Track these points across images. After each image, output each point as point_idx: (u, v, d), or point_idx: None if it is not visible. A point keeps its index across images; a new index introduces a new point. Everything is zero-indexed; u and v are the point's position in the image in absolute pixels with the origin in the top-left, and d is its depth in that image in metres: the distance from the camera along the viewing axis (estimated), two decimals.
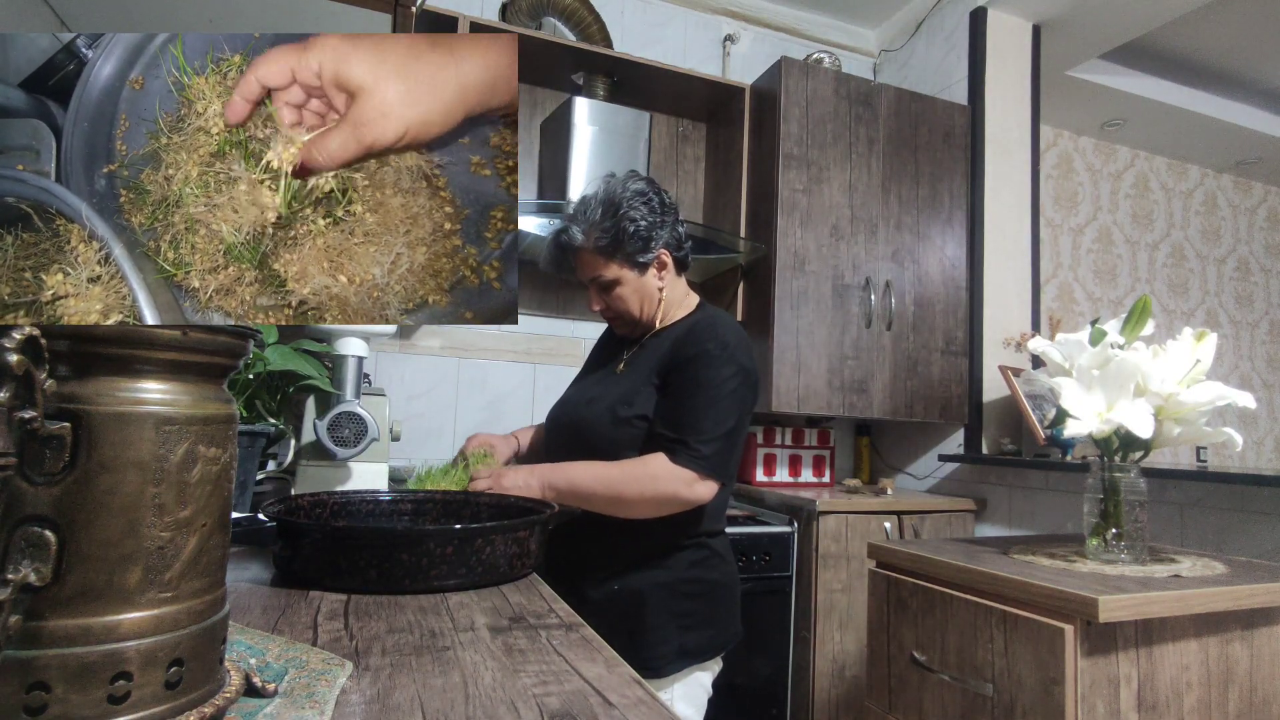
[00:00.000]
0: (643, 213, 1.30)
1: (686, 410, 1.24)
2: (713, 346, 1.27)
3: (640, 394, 1.29)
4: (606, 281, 1.34)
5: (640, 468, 1.22)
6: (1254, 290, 4.56)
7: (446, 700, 0.53)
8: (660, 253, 1.34)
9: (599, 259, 1.33)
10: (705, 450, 1.21)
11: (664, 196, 1.37)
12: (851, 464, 3.16)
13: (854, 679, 2.29)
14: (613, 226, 1.30)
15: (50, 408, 0.37)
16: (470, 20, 2.40)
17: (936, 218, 2.77)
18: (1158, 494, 2.01)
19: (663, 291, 1.37)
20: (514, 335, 2.73)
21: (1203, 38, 3.27)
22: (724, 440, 1.23)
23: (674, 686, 1.24)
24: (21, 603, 0.36)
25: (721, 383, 1.24)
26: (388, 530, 0.94)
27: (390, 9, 0.77)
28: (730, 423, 1.24)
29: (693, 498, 1.21)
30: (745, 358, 1.29)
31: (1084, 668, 1.10)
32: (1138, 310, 1.30)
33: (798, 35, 3.26)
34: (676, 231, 1.37)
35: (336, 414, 1.33)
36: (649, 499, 1.21)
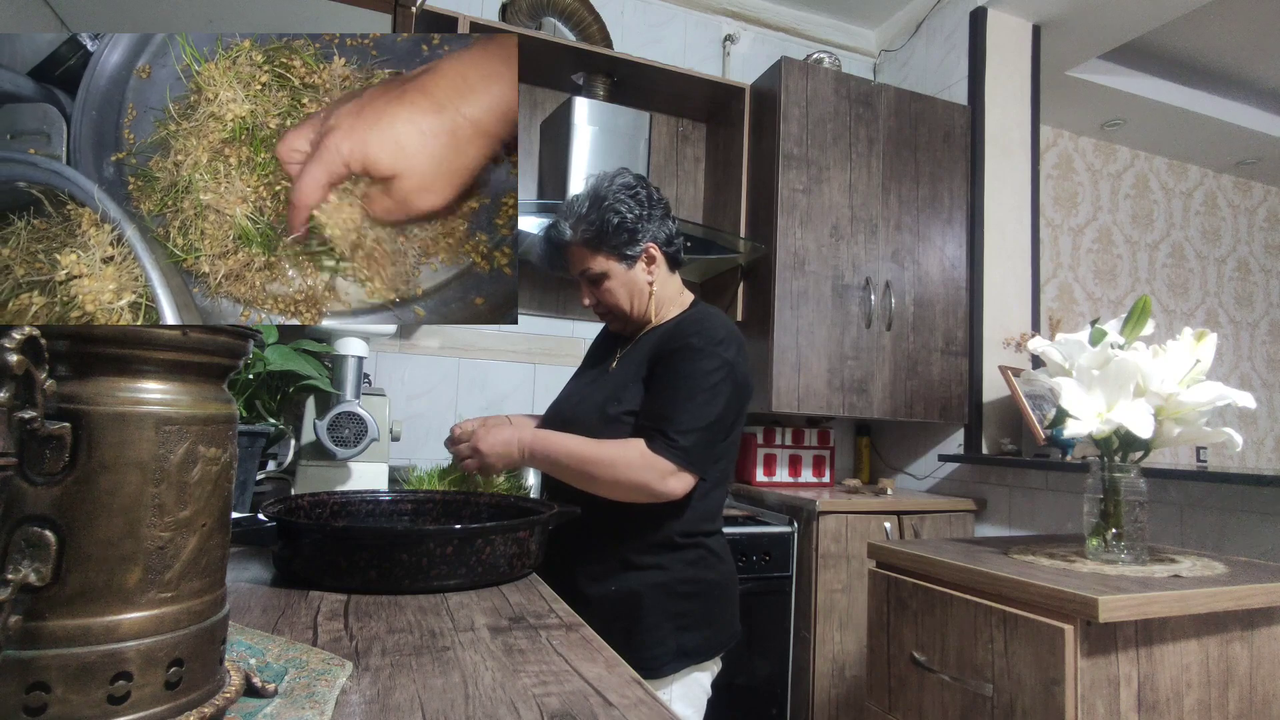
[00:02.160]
0: (629, 205, 1.32)
1: (666, 401, 1.24)
2: (696, 340, 1.27)
3: (628, 390, 1.29)
4: (595, 275, 1.35)
5: (618, 450, 1.22)
6: (1254, 290, 4.56)
7: (446, 700, 0.53)
8: (648, 246, 1.35)
9: (586, 252, 1.35)
10: (682, 441, 1.20)
11: (652, 191, 1.38)
12: (851, 464, 3.16)
13: (854, 679, 2.29)
14: (598, 219, 1.31)
15: (50, 408, 0.37)
16: (470, 20, 2.40)
17: (936, 218, 2.77)
18: (1158, 494, 2.01)
19: (652, 286, 1.37)
20: (514, 335, 2.73)
21: (1203, 38, 3.27)
22: (703, 433, 1.22)
23: (672, 687, 1.24)
24: (21, 603, 0.36)
25: (703, 375, 1.24)
26: (388, 530, 0.94)
27: (390, 9, 0.77)
28: (710, 416, 1.23)
29: (664, 490, 1.20)
30: (731, 353, 1.28)
31: (1084, 668, 1.10)
32: (1138, 310, 1.30)
33: (798, 35, 3.26)
34: (667, 227, 1.38)
35: (336, 414, 1.33)
36: (621, 483, 1.20)
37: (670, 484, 1.20)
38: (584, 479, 1.24)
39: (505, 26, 2.50)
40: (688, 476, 1.21)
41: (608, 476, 1.21)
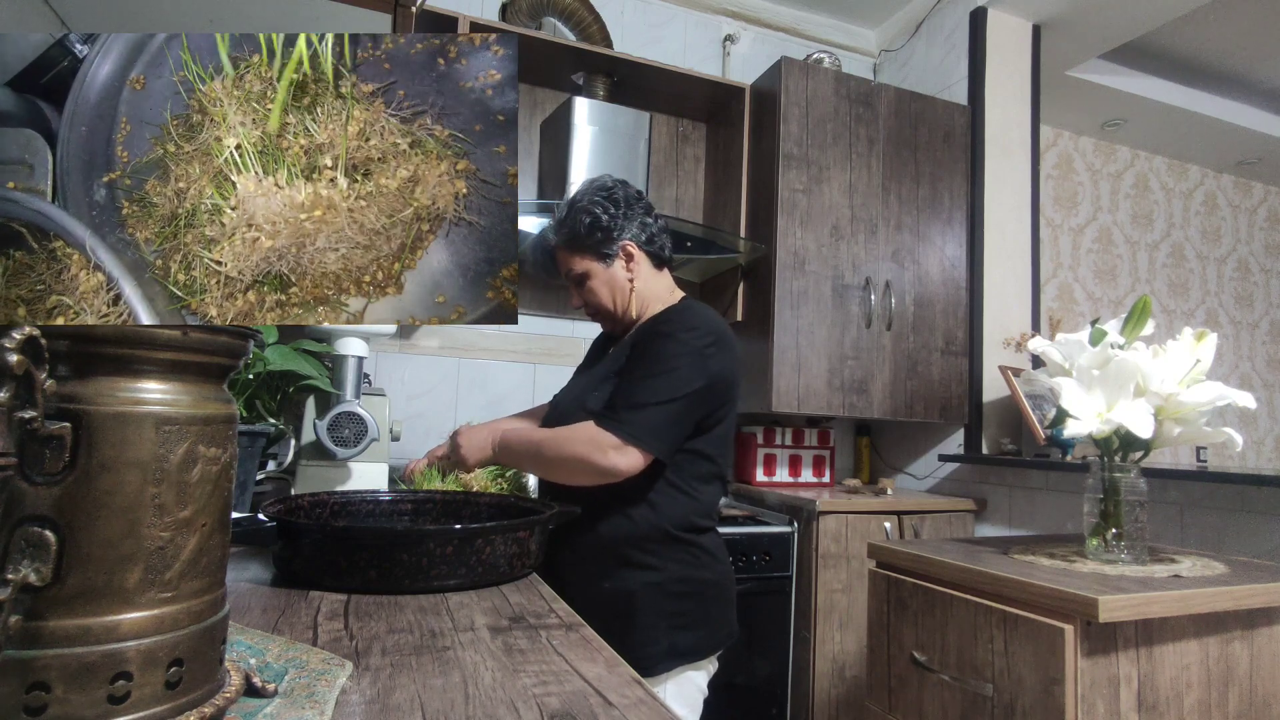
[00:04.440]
0: (603, 205, 1.37)
1: (624, 383, 1.26)
2: (665, 327, 1.30)
3: (608, 382, 1.31)
4: (578, 275, 1.40)
5: (566, 431, 1.26)
6: (1254, 290, 4.56)
7: (446, 700, 0.53)
8: (625, 244, 1.38)
9: (567, 254, 1.41)
10: (630, 417, 1.20)
11: (630, 192, 1.41)
12: (851, 464, 3.16)
13: (854, 679, 2.29)
14: (572, 221, 1.37)
15: (50, 408, 0.37)
16: (470, 20, 2.40)
17: (936, 218, 2.77)
18: (1158, 494, 2.01)
19: (633, 283, 1.39)
20: (514, 335, 2.73)
21: (1203, 38, 3.27)
22: (653, 410, 1.21)
23: (665, 686, 1.24)
24: (21, 603, 0.36)
25: (663, 358, 1.25)
26: (388, 530, 0.94)
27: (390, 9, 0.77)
28: (663, 394, 1.22)
29: (607, 464, 1.19)
30: (701, 340, 1.27)
31: (1084, 668, 1.10)
32: (1138, 310, 1.30)
33: (798, 35, 3.26)
34: (647, 226, 1.41)
35: (336, 414, 1.33)
36: (565, 459, 1.23)
37: (613, 458, 1.19)
38: (538, 462, 1.30)
39: (505, 26, 2.50)
40: (634, 452, 1.20)
41: (553, 454, 1.25)
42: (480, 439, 1.37)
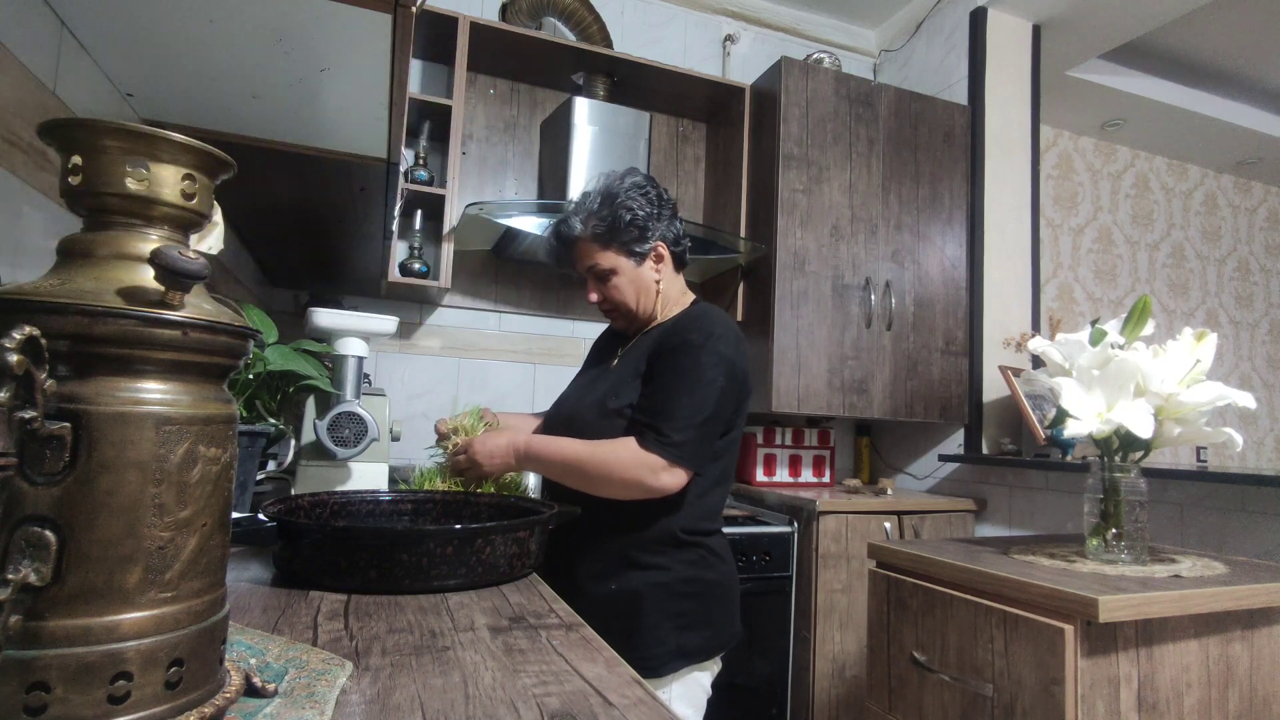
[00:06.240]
0: (640, 203, 1.34)
1: (662, 397, 1.24)
2: (694, 336, 1.27)
3: (628, 385, 1.30)
4: (603, 270, 1.36)
5: (609, 448, 1.23)
6: (1254, 290, 4.56)
7: (446, 700, 0.53)
8: (657, 244, 1.37)
9: (595, 247, 1.36)
10: (675, 437, 1.20)
11: (661, 191, 1.40)
12: (851, 464, 3.16)
13: (854, 679, 2.29)
14: (610, 215, 1.33)
15: (50, 408, 0.37)
16: (470, 20, 2.40)
17: (936, 218, 2.77)
18: (1158, 494, 2.01)
19: (659, 284, 1.38)
20: (514, 335, 2.73)
21: (1203, 38, 3.27)
22: (696, 429, 1.22)
23: (671, 686, 1.24)
24: (21, 603, 0.36)
25: (698, 371, 1.24)
26: (388, 530, 0.94)
27: (390, 9, 0.77)
28: (705, 412, 1.23)
29: (657, 485, 1.20)
30: (730, 350, 1.28)
31: (1084, 668, 1.10)
32: (1138, 310, 1.30)
33: (798, 35, 3.26)
34: (674, 227, 1.40)
35: (336, 414, 1.33)
36: (614, 482, 1.21)
37: (663, 479, 1.20)
38: (579, 479, 1.25)
39: (505, 26, 2.49)
40: (681, 472, 1.21)
41: (601, 475, 1.22)
42: (499, 447, 1.31)
